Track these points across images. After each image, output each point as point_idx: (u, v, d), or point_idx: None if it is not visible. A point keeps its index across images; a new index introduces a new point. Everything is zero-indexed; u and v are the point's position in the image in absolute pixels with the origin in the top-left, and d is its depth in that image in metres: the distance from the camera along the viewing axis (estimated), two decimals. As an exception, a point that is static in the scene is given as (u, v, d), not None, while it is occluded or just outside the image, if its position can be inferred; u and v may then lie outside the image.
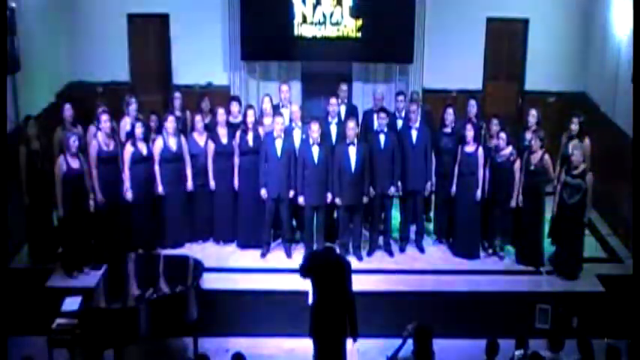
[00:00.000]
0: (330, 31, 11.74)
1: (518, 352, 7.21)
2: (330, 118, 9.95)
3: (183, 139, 9.68)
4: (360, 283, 7.57)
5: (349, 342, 7.43)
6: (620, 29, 10.64)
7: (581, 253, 9.45)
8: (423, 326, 6.72)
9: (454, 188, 9.67)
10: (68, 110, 9.72)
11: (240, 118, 9.92)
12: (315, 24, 11.70)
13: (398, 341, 7.23)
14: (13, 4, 9.43)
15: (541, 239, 9.51)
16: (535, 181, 9.33)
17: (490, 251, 9.84)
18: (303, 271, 7.42)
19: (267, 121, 9.85)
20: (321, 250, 7.50)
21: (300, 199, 9.50)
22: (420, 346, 6.58)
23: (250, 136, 9.59)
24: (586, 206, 9.20)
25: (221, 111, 9.78)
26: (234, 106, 10.03)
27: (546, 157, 9.33)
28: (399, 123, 10.06)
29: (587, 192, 9.10)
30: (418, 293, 9.08)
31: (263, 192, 9.49)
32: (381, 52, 11.92)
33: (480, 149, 9.51)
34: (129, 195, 9.38)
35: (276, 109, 10.11)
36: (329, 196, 9.46)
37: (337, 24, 11.71)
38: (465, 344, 8.43)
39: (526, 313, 8.80)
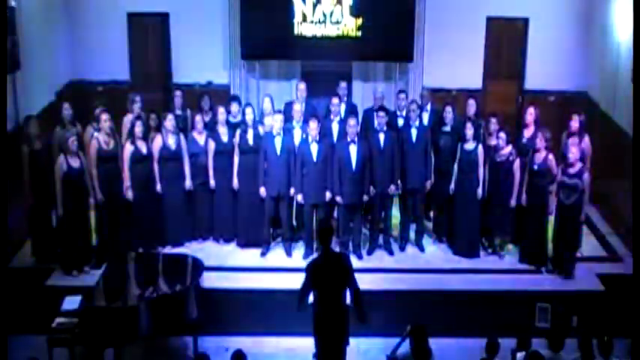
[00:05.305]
0: (330, 30, 11.73)
1: (519, 355, 7.21)
2: (332, 117, 9.95)
3: (182, 137, 9.69)
4: (360, 282, 7.55)
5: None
6: (621, 28, 10.64)
7: (577, 251, 9.49)
8: (418, 325, 6.75)
9: (453, 186, 9.68)
10: (67, 110, 9.75)
11: (239, 118, 9.93)
12: (315, 23, 11.69)
13: (398, 340, 7.27)
14: (13, 4, 9.43)
15: (545, 239, 9.50)
16: (538, 180, 9.32)
17: (490, 250, 9.85)
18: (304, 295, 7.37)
19: (267, 121, 9.85)
20: (318, 256, 7.48)
21: (299, 197, 9.50)
22: (416, 345, 6.64)
23: (250, 135, 9.59)
24: (583, 206, 9.19)
25: (221, 110, 9.79)
26: (234, 106, 10.04)
27: (550, 156, 9.32)
28: (400, 122, 10.06)
29: (584, 192, 9.09)
30: (418, 292, 9.08)
31: (262, 190, 9.50)
32: (381, 50, 11.91)
33: (480, 147, 9.51)
34: (129, 194, 9.38)
35: (289, 106, 10.12)
36: (328, 194, 9.47)
37: (337, 23, 11.71)
38: (465, 343, 8.43)
39: (526, 312, 8.79)
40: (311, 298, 7.41)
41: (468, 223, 9.69)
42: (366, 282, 8.75)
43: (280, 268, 9.47)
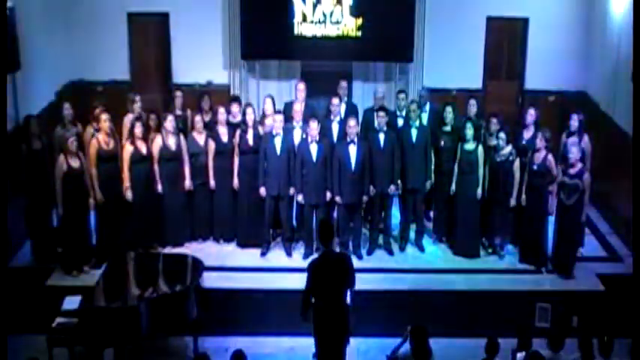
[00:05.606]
0: (330, 30, 11.73)
1: (520, 355, 7.21)
2: (332, 117, 9.96)
3: (182, 138, 9.68)
4: (360, 282, 7.57)
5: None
6: (621, 28, 10.64)
7: (577, 251, 9.51)
8: (418, 326, 6.76)
9: (453, 187, 9.68)
10: (68, 109, 9.76)
11: (239, 118, 9.93)
12: (315, 23, 11.70)
13: (398, 340, 7.26)
14: (13, 4, 9.42)
15: (544, 239, 9.50)
16: (538, 180, 9.32)
17: (490, 250, 9.85)
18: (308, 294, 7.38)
19: (268, 121, 9.84)
20: (319, 256, 7.49)
21: (299, 197, 9.51)
22: (416, 345, 6.65)
23: (250, 135, 9.60)
24: (583, 206, 9.20)
25: (221, 110, 9.79)
26: (235, 107, 10.04)
27: (550, 157, 9.32)
28: (400, 121, 10.06)
29: (584, 192, 9.09)
30: (418, 292, 9.08)
31: (262, 190, 9.50)
32: (381, 51, 11.92)
33: (480, 147, 9.51)
34: (128, 194, 9.38)
35: (288, 106, 10.12)
36: (328, 195, 9.47)
37: (337, 23, 11.71)
38: (465, 343, 8.43)
39: (526, 312, 8.80)
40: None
41: (468, 223, 9.69)
42: (366, 282, 8.77)
43: (280, 268, 9.47)
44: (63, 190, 8.93)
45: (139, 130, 9.36)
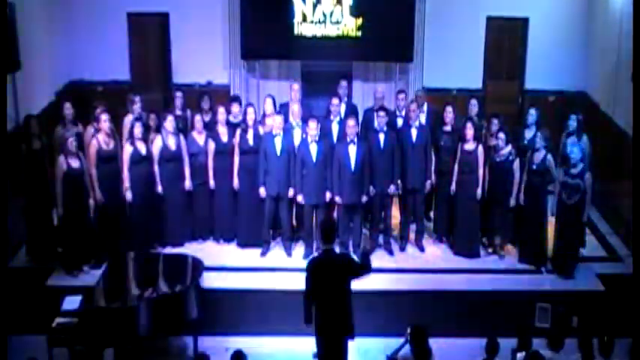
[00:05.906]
0: (330, 30, 11.74)
1: (520, 355, 7.21)
2: (332, 117, 9.96)
3: (182, 138, 9.68)
4: (360, 282, 7.57)
5: None
6: (621, 28, 10.64)
7: (578, 251, 9.50)
8: (418, 326, 6.77)
9: (454, 186, 9.68)
10: (68, 109, 9.75)
11: (240, 118, 9.93)
12: (315, 23, 11.70)
13: (398, 340, 7.27)
14: (13, 3, 9.43)
15: (544, 238, 9.49)
16: (537, 180, 9.32)
17: (490, 250, 9.85)
18: (308, 292, 7.39)
19: (269, 121, 9.84)
20: (320, 255, 7.49)
21: (299, 198, 9.51)
22: (416, 346, 6.66)
23: (250, 135, 9.59)
24: (585, 206, 9.20)
25: (221, 109, 9.78)
26: (235, 107, 10.04)
27: (549, 156, 9.31)
28: (400, 121, 10.06)
29: (586, 192, 9.09)
30: (418, 292, 9.08)
31: (262, 190, 9.50)
32: (381, 51, 11.93)
33: (480, 147, 9.51)
34: (128, 195, 9.37)
35: (284, 107, 10.12)
36: (328, 195, 9.47)
37: (337, 23, 11.71)
38: (465, 343, 8.43)
39: (526, 312, 8.79)
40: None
41: (468, 223, 9.69)
42: (366, 282, 8.75)
43: (280, 268, 9.47)
44: (63, 190, 8.93)
45: (138, 130, 9.36)
